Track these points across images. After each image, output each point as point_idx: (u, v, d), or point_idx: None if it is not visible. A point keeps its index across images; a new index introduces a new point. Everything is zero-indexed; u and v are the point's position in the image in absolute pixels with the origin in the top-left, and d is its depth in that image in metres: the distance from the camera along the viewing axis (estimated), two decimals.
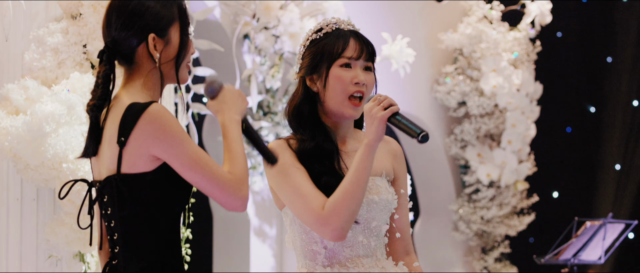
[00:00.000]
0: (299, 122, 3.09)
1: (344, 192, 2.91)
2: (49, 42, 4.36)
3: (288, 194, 2.97)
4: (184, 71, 2.82)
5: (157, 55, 2.76)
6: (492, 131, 7.90)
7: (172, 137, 2.64)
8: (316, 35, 3.10)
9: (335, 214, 2.90)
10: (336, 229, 2.90)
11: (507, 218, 7.99)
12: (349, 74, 3.05)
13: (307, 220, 2.94)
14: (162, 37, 2.77)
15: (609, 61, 8.93)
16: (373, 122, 2.94)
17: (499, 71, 7.76)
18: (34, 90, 4.25)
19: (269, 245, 6.60)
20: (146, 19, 2.75)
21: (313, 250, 3.04)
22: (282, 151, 3.02)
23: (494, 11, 7.96)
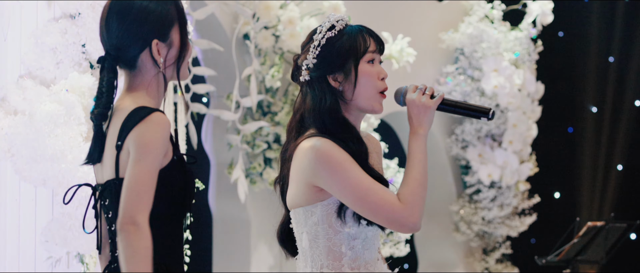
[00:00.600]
0: (336, 124, 3.04)
1: (417, 181, 2.95)
2: (48, 42, 4.35)
3: (353, 192, 2.94)
4: (183, 69, 2.83)
5: (160, 60, 2.76)
6: (493, 131, 7.90)
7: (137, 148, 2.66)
8: (331, 33, 3.06)
9: (416, 205, 2.93)
10: (417, 220, 2.93)
11: (509, 219, 7.98)
12: (375, 70, 3.07)
13: (383, 215, 2.93)
14: (165, 41, 2.78)
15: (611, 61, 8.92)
16: (425, 111, 3.00)
17: (500, 71, 7.75)
18: (32, 90, 4.25)
19: (269, 246, 6.59)
20: (149, 25, 2.76)
21: (340, 252, 3.02)
22: (336, 148, 2.97)
23: (495, 11, 7.95)
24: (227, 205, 6.69)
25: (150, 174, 2.65)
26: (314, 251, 3.04)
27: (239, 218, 6.62)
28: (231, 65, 6.34)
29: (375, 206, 2.93)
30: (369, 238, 3.03)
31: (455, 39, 7.89)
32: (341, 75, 3.05)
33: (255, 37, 6.31)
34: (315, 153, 2.96)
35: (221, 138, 6.47)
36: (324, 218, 3.01)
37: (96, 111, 2.78)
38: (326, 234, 3.02)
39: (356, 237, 3.01)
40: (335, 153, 2.95)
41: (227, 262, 6.71)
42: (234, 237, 6.68)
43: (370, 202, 2.93)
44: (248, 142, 6.36)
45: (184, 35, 2.79)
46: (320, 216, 3.01)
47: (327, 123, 3.03)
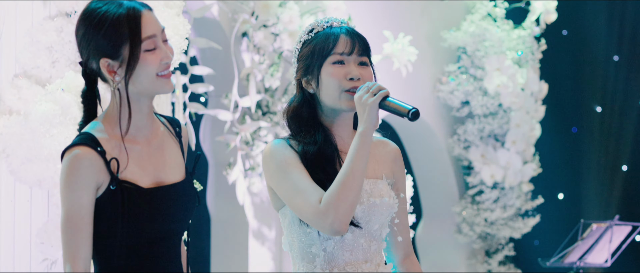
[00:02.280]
0: (299, 125, 3.09)
1: (340, 183, 2.91)
2: (43, 40, 4.36)
3: (287, 191, 2.98)
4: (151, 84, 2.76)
5: (112, 77, 2.75)
6: (496, 131, 7.90)
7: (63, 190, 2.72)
8: (307, 36, 3.11)
9: (333, 207, 2.89)
10: (335, 223, 2.89)
11: (512, 221, 7.99)
12: (342, 70, 3.06)
13: (305, 216, 2.94)
14: (116, 58, 2.74)
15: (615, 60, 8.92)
16: (365, 109, 2.95)
17: (503, 70, 7.75)
18: (27, 89, 4.25)
19: (267, 247, 6.60)
20: (94, 45, 2.74)
21: (312, 253, 3.04)
22: (282, 149, 3.02)
23: (498, 9, 7.95)
24: (226, 206, 6.70)
25: (70, 219, 2.68)
26: (293, 253, 3.09)
27: (237, 220, 6.63)
28: (229, 64, 6.34)
29: (299, 208, 2.95)
30: (348, 239, 3.03)
31: (457, 37, 7.89)
32: (310, 77, 3.08)
33: (254, 36, 6.31)
34: (265, 156, 3.04)
35: (219, 139, 6.48)
36: (294, 219, 3.04)
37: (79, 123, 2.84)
38: (298, 236, 3.05)
39: (329, 238, 3.01)
40: (277, 155, 3.00)
41: (225, 263, 6.71)
42: (232, 238, 6.69)
43: (295, 203, 2.95)
44: (247, 142, 6.36)
45: (133, 54, 2.72)
46: (291, 217, 3.06)
47: (289, 124, 3.10)
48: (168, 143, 2.89)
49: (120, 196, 2.71)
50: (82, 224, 2.68)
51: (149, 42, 2.74)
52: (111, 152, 2.73)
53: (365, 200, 3.04)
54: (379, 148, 3.19)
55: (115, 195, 2.72)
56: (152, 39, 2.75)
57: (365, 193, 3.05)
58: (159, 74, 2.77)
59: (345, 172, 2.92)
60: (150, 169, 2.80)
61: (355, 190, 2.91)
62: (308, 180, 2.96)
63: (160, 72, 2.77)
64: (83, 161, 2.69)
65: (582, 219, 7.11)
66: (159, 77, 2.77)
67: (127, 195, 2.72)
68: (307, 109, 3.10)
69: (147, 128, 2.83)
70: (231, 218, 6.68)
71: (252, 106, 6.27)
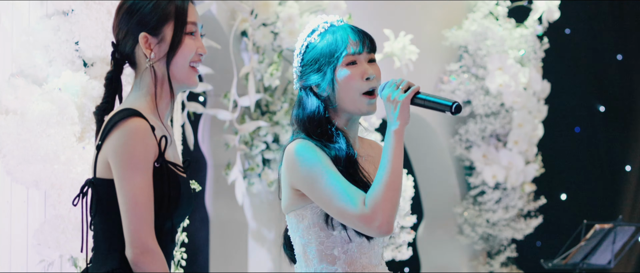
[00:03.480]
0: (320, 130, 3.04)
1: (384, 184, 2.90)
2: (40, 39, 4.36)
3: (323, 194, 2.94)
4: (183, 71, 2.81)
5: (149, 53, 2.78)
6: (498, 131, 7.91)
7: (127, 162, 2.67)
8: (310, 38, 3.07)
9: (380, 208, 2.88)
10: (383, 224, 2.89)
11: (514, 222, 7.99)
12: (358, 71, 3.03)
13: (349, 219, 2.92)
14: (155, 35, 2.79)
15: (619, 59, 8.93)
16: (396, 107, 2.94)
17: (505, 69, 7.76)
18: (24, 89, 4.26)
19: (267, 248, 6.60)
20: (137, 18, 2.79)
21: (332, 255, 3.02)
22: (314, 150, 2.98)
23: (500, 7, 7.96)
24: (224, 207, 6.70)
25: (143, 190, 2.66)
26: (307, 256, 3.06)
27: (236, 221, 6.63)
28: (228, 63, 6.35)
29: (341, 210, 2.93)
30: (367, 242, 3.03)
31: (459, 36, 7.90)
32: (322, 81, 3.05)
33: (253, 35, 6.32)
34: (292, 155, 2.98)
35: (218, 139, 6.48)
36: (315, 221, 3.02)
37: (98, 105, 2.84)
38: (318, 238, 3.03)
39: (349, 241, 3.01)
40: (311, 155, 2.97)
41: (224, 264, 6.72)
42: (231, 239, 6.69)
43: (336, 205, 2.93)
44: (246, 142, 6.36)
45: (178, 33, 2.79)
46: (311, 219, 3.03)
47: (309, 129, 3.05)
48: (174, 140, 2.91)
49: (166, 176, 2.72)
50: (151, 193, 2.68)
51: (190, 25, 2.81)
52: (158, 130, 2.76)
53: None
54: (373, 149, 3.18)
55: (160, 173, 2.72)
56: (193, 25, 2.83)
57: None
58: (191, 64, 2.82)
59: (387, 171, 2.91)
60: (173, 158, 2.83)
61: (398, 189, 2.91)
62: (347, 182, 2.94)
63: (193, 62, 2.82)
64: (147, 132, 2.70)
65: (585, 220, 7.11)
66: (190, 67, 2.82)
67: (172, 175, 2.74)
68: (323, 113, 3.06)
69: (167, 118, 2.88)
70: (230, 219, 6.68)
71: (251, 105, 6.28)
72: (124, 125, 2.69)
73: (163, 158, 2.73)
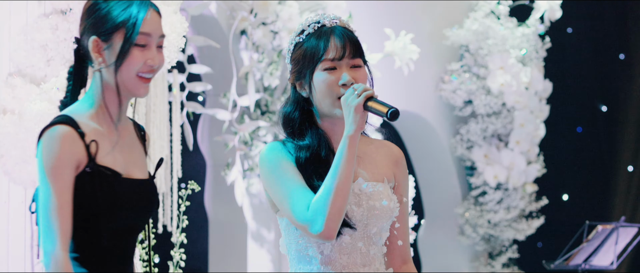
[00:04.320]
0: (292, 129, 3.10)
1: (327, 189, 2.91)
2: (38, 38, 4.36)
3: (277, 195, 3.00)
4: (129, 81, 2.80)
5: (96, 57, 2.80)
6: (499, 131, 7.91)
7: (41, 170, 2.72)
8: (299, 38, 3.09)
9: (320, 213, 2.90)
10: (322, 229, 2.90)
11: (515, 222, 7.99)
12: (334, 76, 3.04)
13: (294, 221, 2.96)
14: (105, 41, 2.79)
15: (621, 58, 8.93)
16: (350, 111, 2.94)
17: (506, 68, 7.76)
18: (22, 88, 4.26)
19: (266, 249, 6.60)
20: (92, 20, 2.80)
21: (309, 256, 3.04)
22: (276, 151, 3.04)
23: (501, 6, 7.96)
24: (224, 208, 6.70)
25: (54, 200, 2.70)
26: (291, 256, 3.10)
27: (235, 221, 6.63)
28: (228, 63, 6.35)
29: (288, 214, 2.97)
30: (346, 242, 3.04)
31: (460, 35, 7.90)
32: (302, 81, 3.09)
33: (252, 34, 6.32)
34: (259, 158, 3.06)
35: (217, 139, 6.48)
36: (289, 222, 3.05)
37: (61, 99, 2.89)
38: (295, 238, 3.06)
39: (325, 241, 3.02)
40: (271, 158, 3.02)
41: (223, 265, 6.72)
42: (230, 240, 6.70)
43: (285, 208, 2.97)
44: (245, 142, 6.37)
45: (126, 43, 2.77)
46: (287, 220, 3.06)
47: (283, 127, 3.12)
48: (136, 142, 2.93)
49: (97, 179, 2.75)
50: (65, 202, 2.71)
51: (142, 37, 2.78)
52: (90, 135, 2.77)
53: (364, 204, 3.04)
54: (381, 150, 3.18)
55: (91, 178, 2.75)
56: (146, 36, 2.79)
57: (364, 196, 3.05)
58: (139, 74, 2.80)
59: (332, 177, 2.92)
60: (122, 161, 2.84)
61: (343, 195, 2.92)
62: (298, 185, 2.97)
63: (141, 73, 2.80)
64: (65, 138, 2.72)
65: (587, 221, 7.11)
66: (137, 77, 2.80)
67: (104, 179, 2.76)
68: (301, 111, 3.10)
69: (123, 121, 2.88)
70: (229, 220, 6.69)
71: (250, 105, 6.28)
72: (47, 133, 2.74)
73: (93, 163, 2.74)
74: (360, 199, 3.04)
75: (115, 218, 2.78)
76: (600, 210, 8.69)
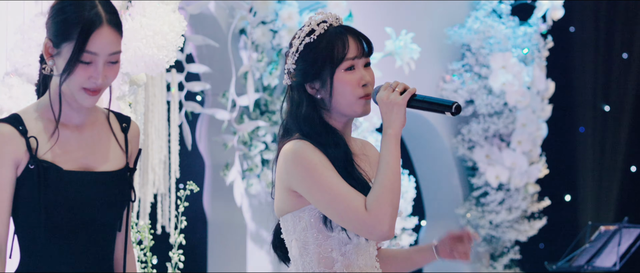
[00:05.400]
0: (314, 131, 3.05)
1: (384, 187, 2.91)
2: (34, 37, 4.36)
3: (322, 196, 2.95)
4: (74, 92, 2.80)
5: (47, 59, 2.81)
6: (501, 131, 7.91)
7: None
8: (309, 38, 3.06)
9: (382, 212, 2.90)
10: (384, 228, 2.91)
11: (517, 223, 7.99)
12: (355, 77, 3.04)
13: (350, 223, 2.93)
14: (55, 47, 2.79)
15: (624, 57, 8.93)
16: (392, 109, 2.95)
17: (508, 68, 7.76)
18: (18, 88, 4.26)
19: (266, 250, 6.60)
20: (49, 22, 2.80)
21: (330, 257, 3.03)
22: (312, 150, 2.99)
23: (503, 5, 7.96)
24: (223, 208, 6.70)
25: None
26: (304, 258, 3.06)
27: (234, 222, 6.63)
28: (227, 62, 6.35)
29: (341, 212, 2.94)
30: (363, 244, 3.04)
31: (461, 34, 7.90)
32: (318, 83, 3.05)
33: (252, 33, 6.32)
34: (290, 156, 2.98)
35: (216, 139, 6.48)
36: (313, 223, 3.02)
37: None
38: (316, 240, 3.03)
39: (348, 242, 3.02)
40: (309, 156, 2.97)
41: (222, 266, 6.72)
42: (229, 241, 6.70)
43: (337, 208, 2.94)
44: (245, 142, 6.37)
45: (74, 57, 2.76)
46: (308, 221, 3.03)
47: (303, 129, 3.06)
48: (105, 134, 2.91)
49: (38, 175, 2.76)
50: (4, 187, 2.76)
51: (87, 55, 2.76)
52: (33, 132, 2.79)
53: None
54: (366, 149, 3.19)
55: (33, 174, 2.77)
56: (92, 55, 2.76)
57: None
58: (83, 87, 2.79)
59: (385, 174, 2.92)
60: (76, 154, 2.84)
61: (398, 192, 2.93)
62: (347, 185, 2.95)
63: (85, 86, 2.79)
64: (1, 137, 2.76)
65: (590, 221, 7.11)
66: (82, 89, 2.80)
67: (44, 174, 2.77)
68: (318, 113, 3.08)
69: (80, 117, 2.87)
70: (228, 221, 6.69)
71: (250, 105, 6.28)
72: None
73: (35, 159, 2.76)
74: None
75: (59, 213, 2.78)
76: (603, 211, 8.70)
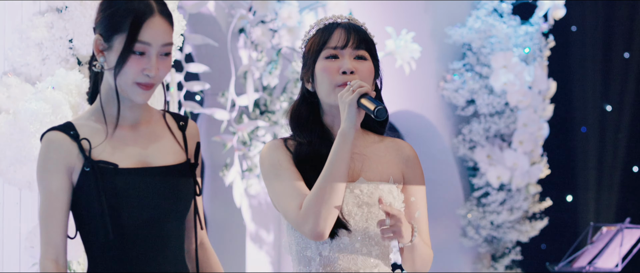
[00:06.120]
0: (298, 125, 3.11)
1: (318, 188, 2.93)
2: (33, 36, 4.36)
3: (274, 194, 3.02)
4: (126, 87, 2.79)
5: (98, 56, 2.80)
6: (502, 131, 7.91)
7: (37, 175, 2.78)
8: (309, 33, 3.14)
9: (312, 211, 2.92)
10: (314, 227, 2.92)
11: (519, 224, 7.99)
12: (335, 64, 3.06)
13: (289, 220, 2.99)
14: (106, 42, 2.78)
15: (626, 57, 8.93)
16: (344, 107, 2.96)
17: (509, 67, 7.76)
18: (16, 87, 4.26)
19: (266, 251, 6.60)
20: (99, 18, 2.80)
21: (307, 256, 3.05)
22: (275, 150, 3.05)
23: (504, 4, 7.96)
24: (222, 209, 6.70)
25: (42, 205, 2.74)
26: (292, 257, 3.11)
27: (234, 222, 6.63)
28: (226, 62, 6.35)
29: (283, 212, 2.99)
30: (345, 243, 3.03)
31: (462, 33, 7.90)
32: (308, 74, 3.11)
33: (251, 32, 6.32)
34: (260, 156, 3.08)
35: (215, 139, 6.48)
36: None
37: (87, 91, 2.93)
38: (295, 238, 3.07)
39: (325, 242, 3.02)
40: (267, 156, 3.04)
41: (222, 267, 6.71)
42: (228, 241, 6.69)
43: (280, 206, 3.00)
44: (244, 142, 6.36)
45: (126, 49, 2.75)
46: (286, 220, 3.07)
47: (290, 125, 3.13)
48: (161, 131, 2.90)
49: (94, 176, 2.74)
50: (52, 210, 2.73)
51: (140, 45, 2.76)
52: (85, 135, 2.78)
53: (364, 204, 3.04)
54: (390, 148, 3.19)
55: (89, 176, 2.75)
56: (145, 45, 2.76)
57: (364, 196, 3.05)
58: (136, 81, 2.78)
59: (325, 175, 2.94)
60: (132, 151, 2.82)
61: (335, 194, 2.93)
62: (294, 183, 2.98)
63: (138, 81, 2.78)
64: (51, 144, 2.75)
65: (592, 222, 7.11)
66: (135, 84, 2.79)
67: (101, 174, 2.75)
68: (307, 108, 3.12)
69: (134, 115, 2.86)
70: (228, 221, 6.69)
71: (249, 105, 6.28)
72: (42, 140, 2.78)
73: (89, 160, 2.74)
74: (360, 199, 3.04)
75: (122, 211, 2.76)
76: (605, 212, 8.70)
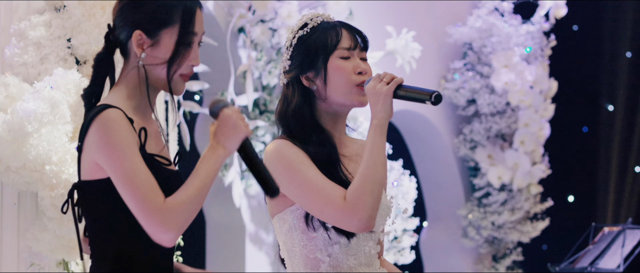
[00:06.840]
0: (302, 126, 3.08)
1: (364, 177, 2.92)
2: (31, 36, 4.36)
3: (301, 191, 2.97)
4: (176, 81, 2.79)
5: (139, 52, 2.76)
6: (503, 131, 7.91)
7: (112, 149, 2.65)
8: (303, 31, 3.10)
9: (360, 202, 2.91)
10: (363, 218, 2.91)
11: (520, 224, 8.00)
12: (350, 64, 3.07)
13: (329, 214, 2.94)
14: (151, 37, 2.76)
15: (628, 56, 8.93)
16: (379, 99, 2.97)
17: (511, 67, 7.76)
18: (14, 87, 4.26)
19: (265, 252, 6.61)
20: (139, 14, 2.76)
21: (316, 258, 3.04)
22: (290, 148, 3.01)
23: (505, 3, 7.96)
24: (221, 209, 6.70)
25: (134, 166, 2.63)
26: (291, 260, 3.08)
27: (233, 223, 6.64)
28: (225, 61, 6.35)
29: (320, 205, 2.95)
30: (353, 244, 3.04)
31: (463, 33, 7.90)
32: (312, 73, 3.08)
33: (251, 31, 6.33)
34: (270, 156, 3.02)
35: None
36: (296, 224, 3.04)
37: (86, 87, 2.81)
38: (301, 241, 3.04)
39: (335, 242, 3.02)
40: (287, 153, 3.00)
41: (221, 268, 6.72)
42: (228, 242, 6.70)
43: (315, 200, 2.95)
44: None
45: (181, 42, 2.76)
46: (291, 223, 3.05)
47: (291, 126, 3.08)
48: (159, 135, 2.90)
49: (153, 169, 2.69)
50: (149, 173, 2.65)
51: (193, 36, 2.78)
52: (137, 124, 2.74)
53: None
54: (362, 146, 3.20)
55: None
56: (195, 36, 2.79)
57: None
58: (181, 73, 2.80)
59: (367, 164, 2.93)
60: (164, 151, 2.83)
61: (379, 182, 2.93)
62: (324, 177, 2.96)
63: (182, 72, 2.80)
64: (122, 119, 2.67)
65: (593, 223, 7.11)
66: (180, 75, 2.80)
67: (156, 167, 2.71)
68: (308, 108, 3.10)
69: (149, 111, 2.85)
70: (227, 222, 6.69)
71: (249, 105, 6.28)
72: (99, 118, 2.66)
73: (144, 151, 2.71)
74: None
75: None
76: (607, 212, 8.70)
